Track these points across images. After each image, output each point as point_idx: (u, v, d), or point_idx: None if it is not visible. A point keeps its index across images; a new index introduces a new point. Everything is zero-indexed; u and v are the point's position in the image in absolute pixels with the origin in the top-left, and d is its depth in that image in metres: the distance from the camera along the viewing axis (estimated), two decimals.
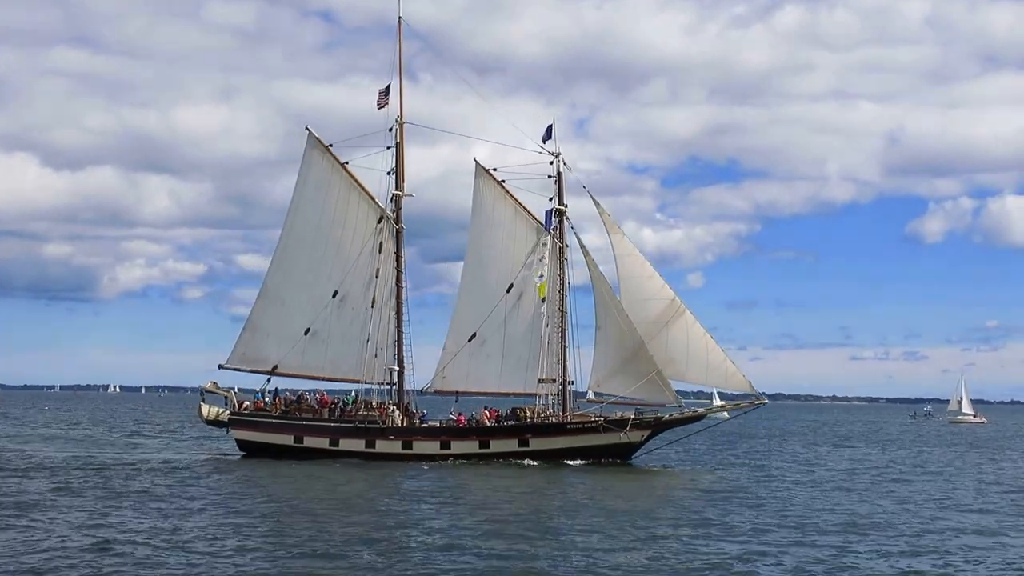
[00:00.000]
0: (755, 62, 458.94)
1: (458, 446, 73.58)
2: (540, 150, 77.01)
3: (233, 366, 79.30)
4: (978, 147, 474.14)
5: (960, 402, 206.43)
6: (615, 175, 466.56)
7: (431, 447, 73.83)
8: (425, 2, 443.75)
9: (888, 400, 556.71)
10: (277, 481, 60.73)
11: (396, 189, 77.82)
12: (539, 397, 75.77)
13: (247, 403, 77.80)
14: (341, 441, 74.37)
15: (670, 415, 74.83)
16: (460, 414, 75.83)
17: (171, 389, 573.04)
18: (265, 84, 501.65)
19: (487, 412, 76.07)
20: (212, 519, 44.59)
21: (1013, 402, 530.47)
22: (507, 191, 78.20)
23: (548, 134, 76.90)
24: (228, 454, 77.78)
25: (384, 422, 74.68)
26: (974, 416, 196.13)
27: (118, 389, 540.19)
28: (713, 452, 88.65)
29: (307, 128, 79.33)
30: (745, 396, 77.62)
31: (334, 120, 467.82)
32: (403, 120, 77.92)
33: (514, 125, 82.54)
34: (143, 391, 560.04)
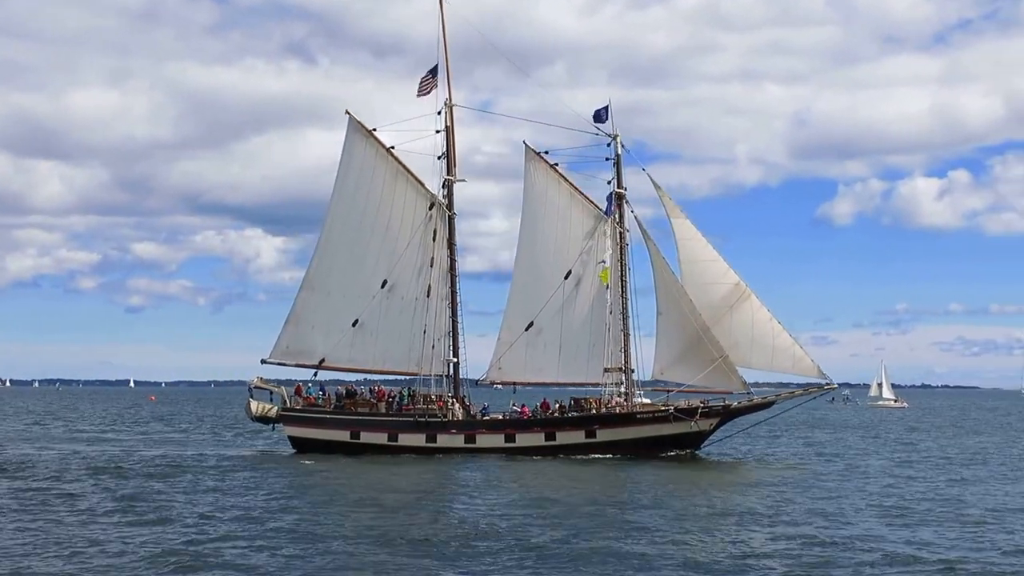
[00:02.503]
0: (657, 44, 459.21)
1: (523, 439, 71.29)
2: (597, 131, 74.70)
3: (277, 360, 76.38)
4: (885, 128, 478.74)
5: (880, 386, 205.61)
6: (519, 158, 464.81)
7: (495, 440, 71.50)
8: None
9: (798, 385, 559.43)
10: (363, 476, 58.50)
11: (447, 174, 75.20)
12: (605, 387, 73.64)
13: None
14: (400, 436, 71.81)
15: (739, 403, 73.02)
16: (524, 405, 73.61)
17: (64, 382, 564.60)
18: (157, 66, 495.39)
19: (540, 404, 74.01)
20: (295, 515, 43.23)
21: (924, 386, 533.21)
22: (560, 174, 75.90)
23: (604, 115, 74.59)
24: (269, 452, 74.97)
25: (444, 416, 72.25)
26: (895, 400, 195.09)
27: (8, 383, 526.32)
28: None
29: (347, 112, 76.61)
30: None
31: (230, 102, 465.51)
32: (452, 103, 75.30)
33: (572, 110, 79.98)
34: (35, 384, 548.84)
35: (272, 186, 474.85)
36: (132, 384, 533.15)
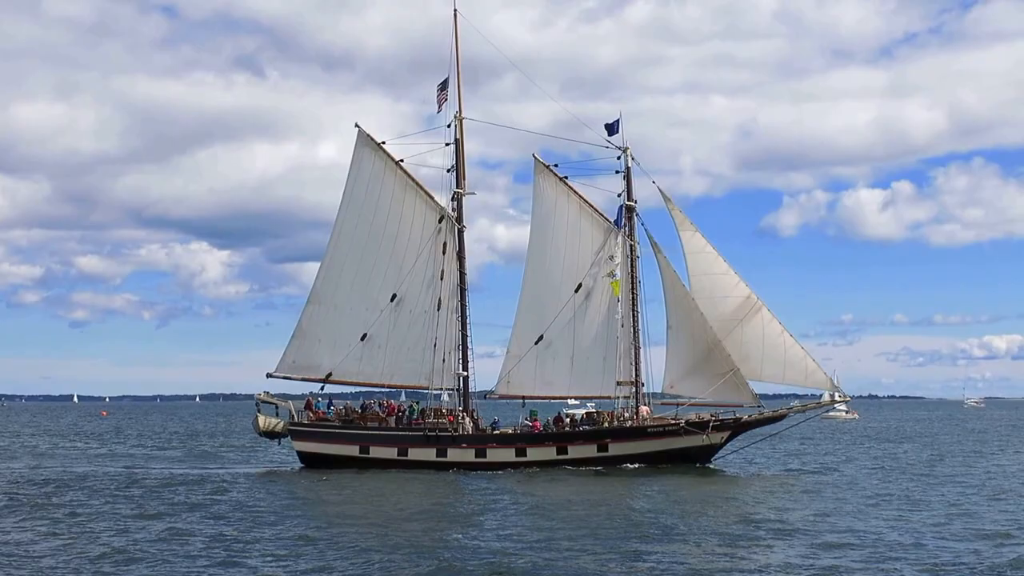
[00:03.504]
0: (606, 57, 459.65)
1: (534, 453, 70.83)
2: (607, 144, 74.49)
3: (283, 374, 75.63)
4: (830, 140, 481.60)
5: (833, 396, 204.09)
6: (467, 170, 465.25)
7: (506, 455, 71.00)
8: None
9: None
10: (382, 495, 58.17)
11: (457, 187, 74.77)
12: (617, 400, 73.28)
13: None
14: (410, 450, 71.24)
15: (750, 416, 72.75)
16: (535, 419, 73.15)
17: (7, 398, 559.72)
18: (106, 80, 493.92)
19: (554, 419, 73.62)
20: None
21: (871, 396, 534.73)
22: (570, 187, 75.56)
23: (615, 128, 74.37)
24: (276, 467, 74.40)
25: (455, 430, 71.73)
26: (846, 411, 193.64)
27: None
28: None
29: (357, 125, 76.21)
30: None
31: (178, 116, 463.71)
32: (462, 116, 74.92)
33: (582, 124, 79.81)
34: None
35: (218, 199, 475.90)
36: (76, 399, 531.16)
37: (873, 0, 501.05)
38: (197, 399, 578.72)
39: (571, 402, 78.60)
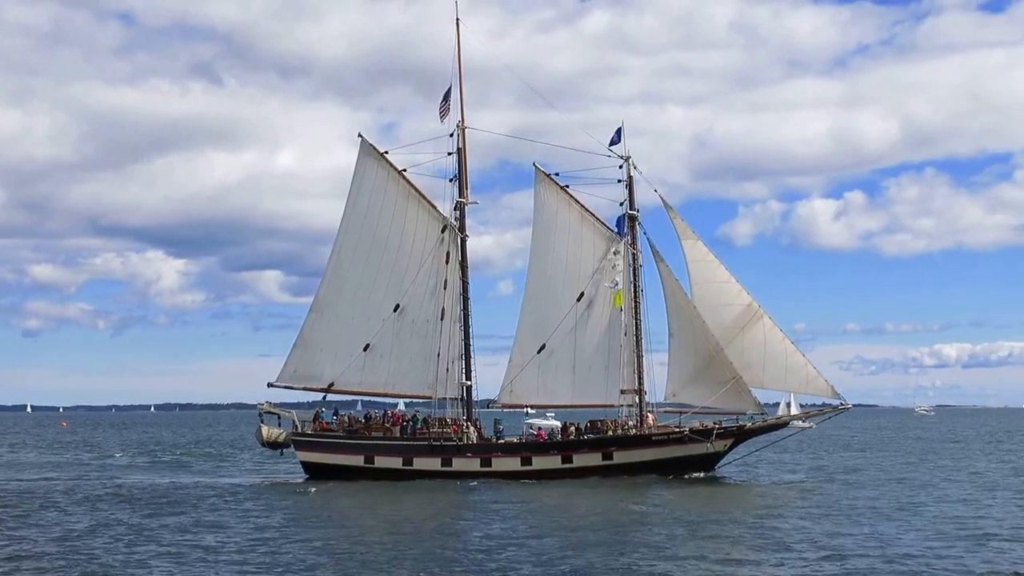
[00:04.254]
0: (562, 66, 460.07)
1: (540, 462, 70.94)
2: (609, 153, 74.77)
3: (284, 384, 75.78)
4: (785, 151, 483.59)
5: (788, 405, 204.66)
6: (424, 180, 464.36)
7: (511, 464, 71.08)
8: (226, 3, 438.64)
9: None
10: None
11: (459, 196, 74.90)
12: (622, 409, 73.52)
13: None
14: (415, 460, 71.29)
15: (752, 423, 73.09)
16: (540, 428, 73.30)
17: None
18: (62, 87, 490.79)
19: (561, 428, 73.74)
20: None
21: (823, 404, 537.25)
22: (571, 196, 75.81)
23: (617, 137, 74.65)
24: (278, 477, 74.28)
25: (459, 439, 71.80)
26: (803, 421, 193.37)
27: None
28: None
29: (360, 135, 76.27)
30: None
31: (135, 123, 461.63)
32: (464, 125, 75.03)
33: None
34: None
35: (175, 208, 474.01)
36: (29, 409, 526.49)
37: (828, 11, 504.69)
38: (152, 409, 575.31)
39: (529, 411, 78.40)
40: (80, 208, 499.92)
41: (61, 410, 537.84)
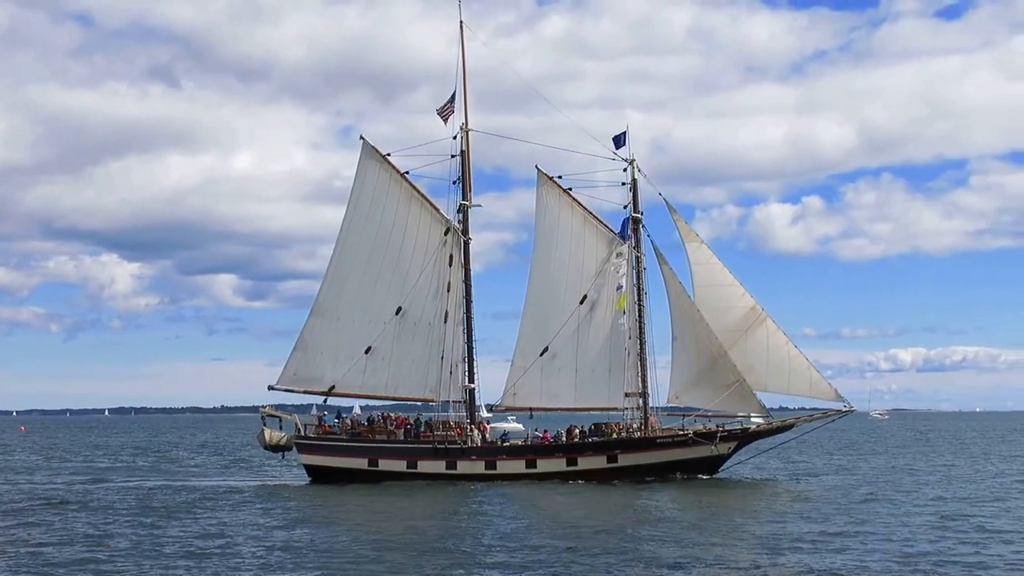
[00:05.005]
0: (522, 70, 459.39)
1: (544, 464, 70.88)
2: (613, 156, 74.88)
3: (284, 387, 75.22)
4: (742, 156, 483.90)
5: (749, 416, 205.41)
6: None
7: (516, 466, 70.98)
8: (184, 5, 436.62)
9: (661, 409, 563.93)
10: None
11: (463, 199, 74.71)
12: (626, 411, 73.55)
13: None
14: (419, 463, 71.03)
15: (757, 426, 73.28)
16: (546, 431, 73.23)
17: None
18: (17, 88, 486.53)
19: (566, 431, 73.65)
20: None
21: (781, 408, 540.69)
22: (574, 199, 75.78)
23: (622, 140, 74.79)
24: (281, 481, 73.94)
25: (464, 442, 71.65)
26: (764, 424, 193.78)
27: None
28: None
29: (362, 137, 75.93)
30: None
31: (91, 126, 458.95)
32: (468, 127, 74.87)
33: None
34: None
35: (130, 211, 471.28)
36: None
37: (785, 17, 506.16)
38: (106, 412, 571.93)
39: (504, 416, 78.17)
40: (34, 211, 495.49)
41: (15, 414, 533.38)
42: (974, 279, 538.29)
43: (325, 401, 75.54)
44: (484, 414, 79.75)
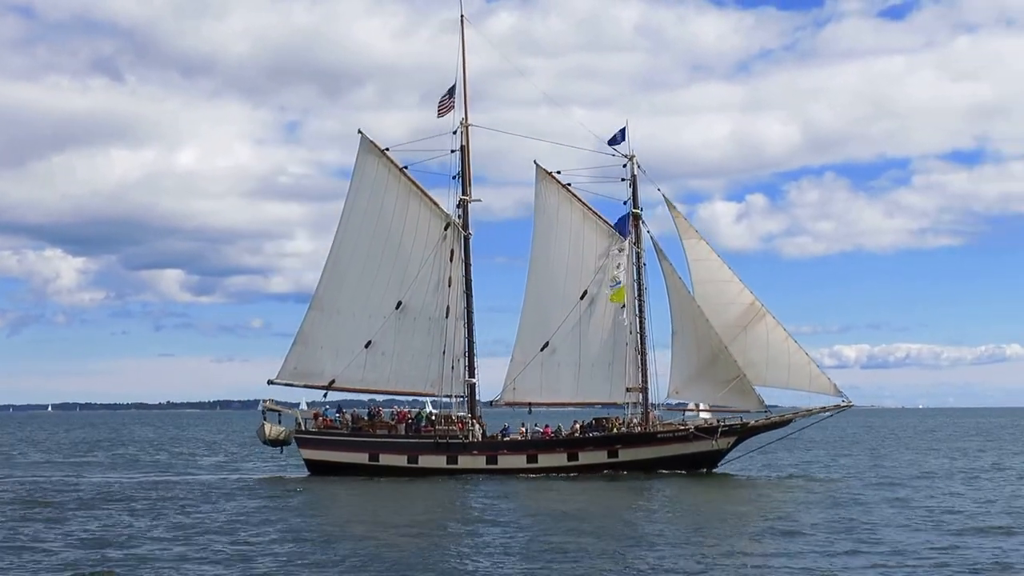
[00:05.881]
0: (468, 67, 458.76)
1: (545, 459, 71.04)
2: (614, 153, 75.09)
3: (285, 381, 75.11)
4: (688, 154, 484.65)
5: (698, 406, 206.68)
6: (325, 180, 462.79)
7: (517, 461, 71.10)
8: None
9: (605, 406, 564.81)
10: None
11: (463, 194, 74.75)
12: (628, 406, 73.84)
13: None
14: (420, 458, 71.07)
15: (756, 420, 73.62)
16: (547, 426, 73.37)
17: None
18: None
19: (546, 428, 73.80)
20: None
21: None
22: (573, 194, 75.94)
23: (621, 136, 75.00)
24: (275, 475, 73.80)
25: (465, 436, 71.73)
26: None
27: None
28: None
29: (360, 131, 75.83)
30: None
31: (33, 120, 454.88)
32: (468, 123, 74.92)
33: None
34: None
35: (74, 205, 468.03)
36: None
37: (732, 16, 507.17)
38: (50, 408, 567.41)
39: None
40: None
41: None
42: (916, 277, 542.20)
43: (325, 396, 75.39)
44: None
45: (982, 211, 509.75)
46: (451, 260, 74.00)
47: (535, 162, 76.60)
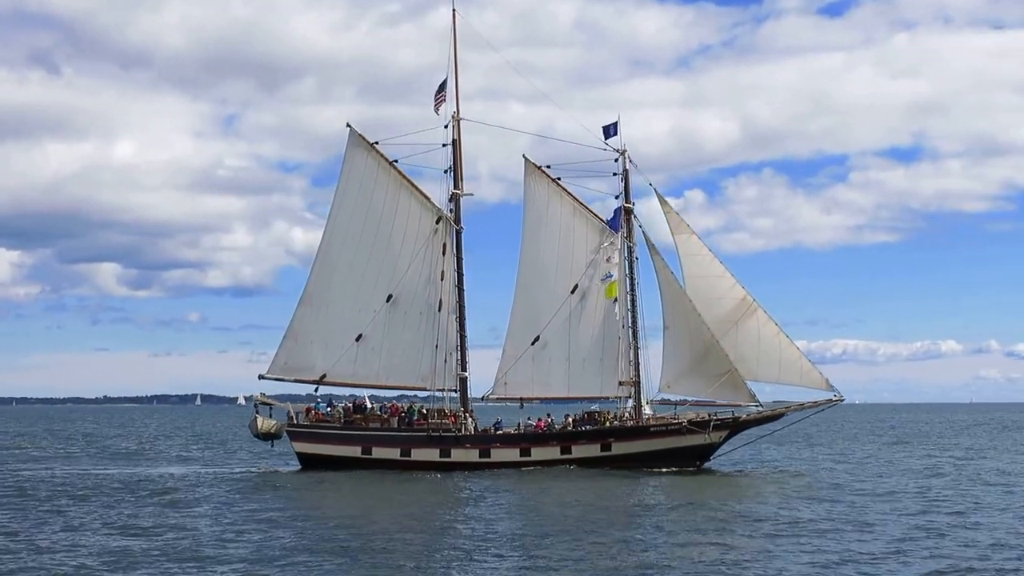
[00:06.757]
0: (406, 61, 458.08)
1: (539, 453, 71.08)
2: (606, 147, 75.15)
3: (275, 376, 74.80)
4: (627, 149, 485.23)
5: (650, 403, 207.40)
6: (264, 173, 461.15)
7: (510, 455, 71.14)
8: None
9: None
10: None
11: (455, 188, 74.64)
12: (621, 400, 74.04)
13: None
14: (413, 451, 70.99)
15: (748, 415, 73.93)
16: (540, 419, 73.42)
17: None
18: None
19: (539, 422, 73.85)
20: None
21: (663, 401, 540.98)
22: (563, 188, 75.94)
23: (613, 130, 75.06)
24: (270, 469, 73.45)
25: (458, 430, 71.72)
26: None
27: None
28: None
29: (348, 125, 75.52)
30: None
31: None
32: (460, 116, 74.83)
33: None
34: None
35: (9, 198, 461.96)
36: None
37: (671, 12, 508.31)
38: None
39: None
40: None
41: None
42: (853, 274, 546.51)
43: (316, 390, 75.13)
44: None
45: (919, 208, 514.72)
46: (443, 254, 73.84)
47: (524, 155, 76.70)
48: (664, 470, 69.94)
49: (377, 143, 74.82)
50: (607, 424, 72.70)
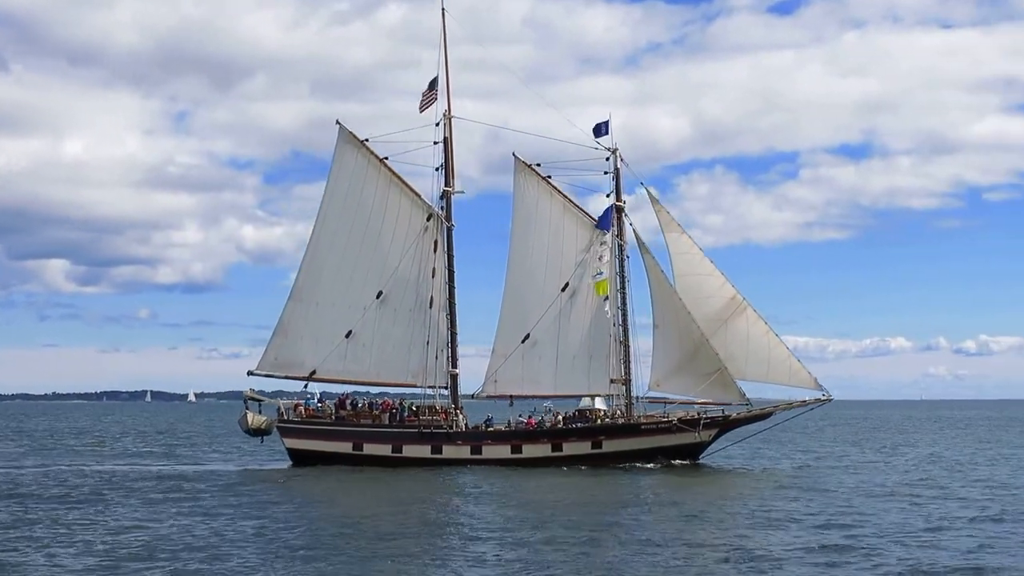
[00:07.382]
0: (358, 58, 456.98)
1: (529, 450, 71.21)
2: (596, 146, 75.40)
3: (265, 372, 74.67)
4: (578, 147, 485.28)
5: (593, 399, 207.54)
6: (216, 170, 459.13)
7: (501, 451, 71.23)
8: None
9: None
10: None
11: (446, 185, 74.72)
12: (612, 398, 74.29)
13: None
14: (404, 447, 71.04)
15: (737, 413, 74.26)
16: (530, 416, 73.58)
17: None
18: None
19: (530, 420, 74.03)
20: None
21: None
22: (553, 186, 76.12)
23: (604, 129, 75.25)
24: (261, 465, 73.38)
25: (449, 427, 71.84)
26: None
27: None
28: None
29: (338, 122, 75.44)
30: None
31: None
32: (451, 115, 74.88)
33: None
34: None
35: None
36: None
37: (620, 10, 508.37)
38: None
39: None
40: None
41: None
42: (803, 270, 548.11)
43: (306, 386, 75.05)
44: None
45: (868, 205, 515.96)
46: (435, 251, 73.90)
47: (513, 154, 76.93)
48: (652, 466, 70.25)
49: (367, 140, 74.77)
50: (598, 421, 72.85)
